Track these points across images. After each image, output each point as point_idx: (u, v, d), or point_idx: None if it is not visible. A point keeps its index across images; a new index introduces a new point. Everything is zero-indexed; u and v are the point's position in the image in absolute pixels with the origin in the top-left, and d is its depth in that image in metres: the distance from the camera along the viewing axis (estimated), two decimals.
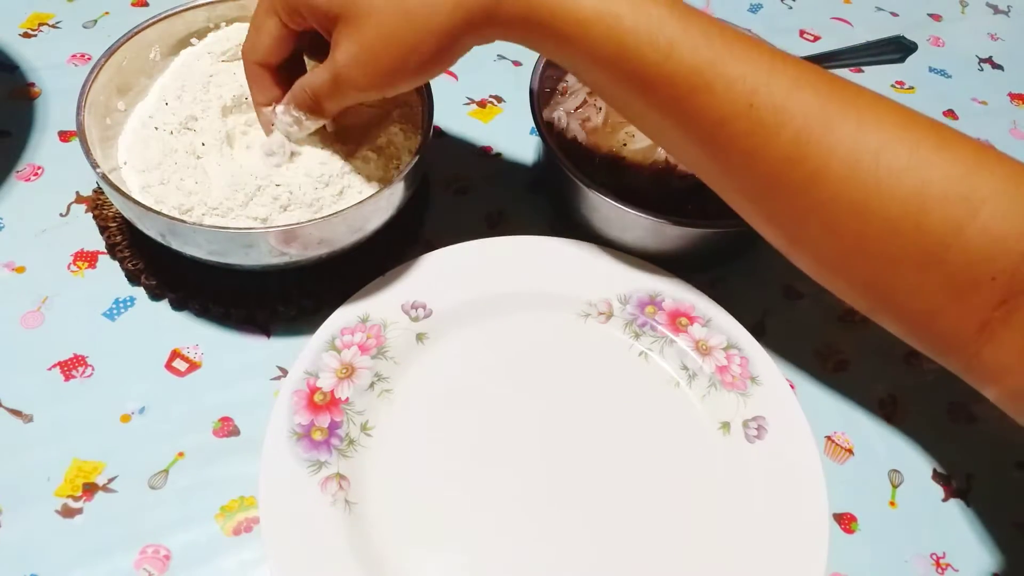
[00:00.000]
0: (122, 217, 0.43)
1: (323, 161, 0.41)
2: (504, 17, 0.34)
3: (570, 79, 0.53)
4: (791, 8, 0.70)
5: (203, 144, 0.41)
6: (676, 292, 0.45)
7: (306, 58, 0.42)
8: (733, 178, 0.36)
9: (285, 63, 0.39)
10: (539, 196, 0.52)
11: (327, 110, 0.38)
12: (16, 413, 0.38)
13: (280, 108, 0.39)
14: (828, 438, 0.42)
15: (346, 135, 0.43)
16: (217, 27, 0.46)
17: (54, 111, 0.51)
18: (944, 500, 0.41)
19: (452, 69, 0.58)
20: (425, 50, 0.34)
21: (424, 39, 0.33)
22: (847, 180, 0.32)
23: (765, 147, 0.33)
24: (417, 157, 0.41)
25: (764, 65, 0.33)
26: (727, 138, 0.34)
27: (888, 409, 0.44)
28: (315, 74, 0.37)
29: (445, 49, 0.34)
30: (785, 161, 0.33)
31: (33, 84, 0.52)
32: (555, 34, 0.34)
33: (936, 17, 0.72)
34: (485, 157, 0.53)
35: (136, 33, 0.43)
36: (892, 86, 0.64)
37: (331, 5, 0.34)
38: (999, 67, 0.68)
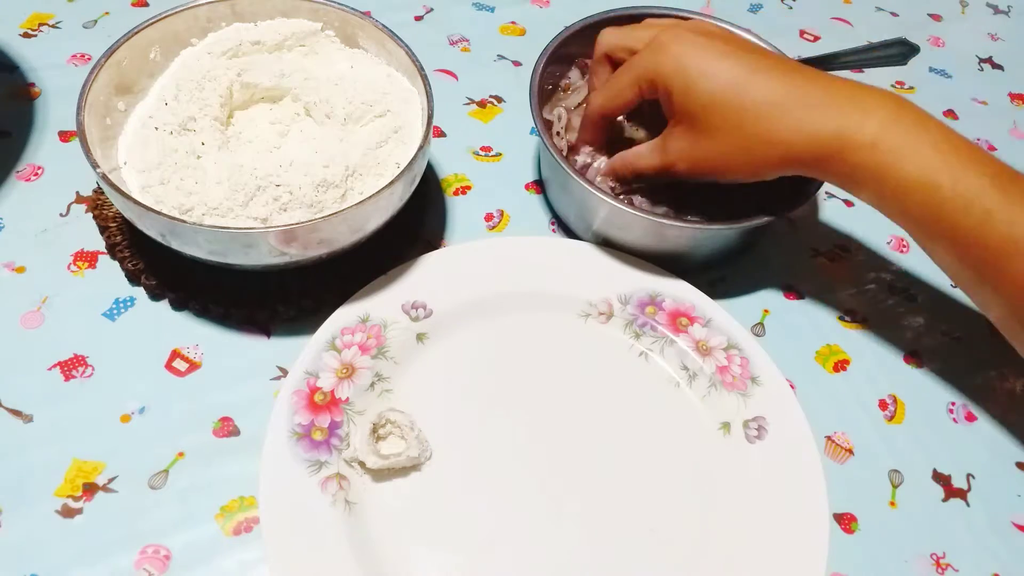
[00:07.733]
0: (122, 217, 0.43)
1: (325, 164, 0.41)
2: (827, 170, 0.37)
3: (573, 76, 0.52)
4: (791, 8, 0.70)
5: (203, 144, 0.41)
6: (676, 292, 0.45)
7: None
8: None
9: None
10: (539, 196, 0.52)
11: (633, 178, 0.45)
12: (16, 413, 0.38)
13: (598, 179, 0.46)
14: (828, 438, 0.42)
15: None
16: (217, 27, 0.46)
17: (54, 111, 0.51)
18: (944, 500, 0.41)
19: (452, 69, 0.59)
20: (742, 175, 0.41)
21: (745, 169, 0.40)
22: None
23: None
24: (417, 157, 0.41)
25: None
26: None
27: (888, 409, 0.44)
28: (639, 155, 0.44)
29: (760, 177, 0.40)
30: None
31: (33, 84, 0.52)
32: (873, 190, 0.37)
33: (936, 17, 0.72)
34: (485, 157, 0.53)
35: (136, 33, 0.43)
36: (892, 86, 0.64)
37: (691, 112, 0.40)
38: (999, 67, 0.68)
